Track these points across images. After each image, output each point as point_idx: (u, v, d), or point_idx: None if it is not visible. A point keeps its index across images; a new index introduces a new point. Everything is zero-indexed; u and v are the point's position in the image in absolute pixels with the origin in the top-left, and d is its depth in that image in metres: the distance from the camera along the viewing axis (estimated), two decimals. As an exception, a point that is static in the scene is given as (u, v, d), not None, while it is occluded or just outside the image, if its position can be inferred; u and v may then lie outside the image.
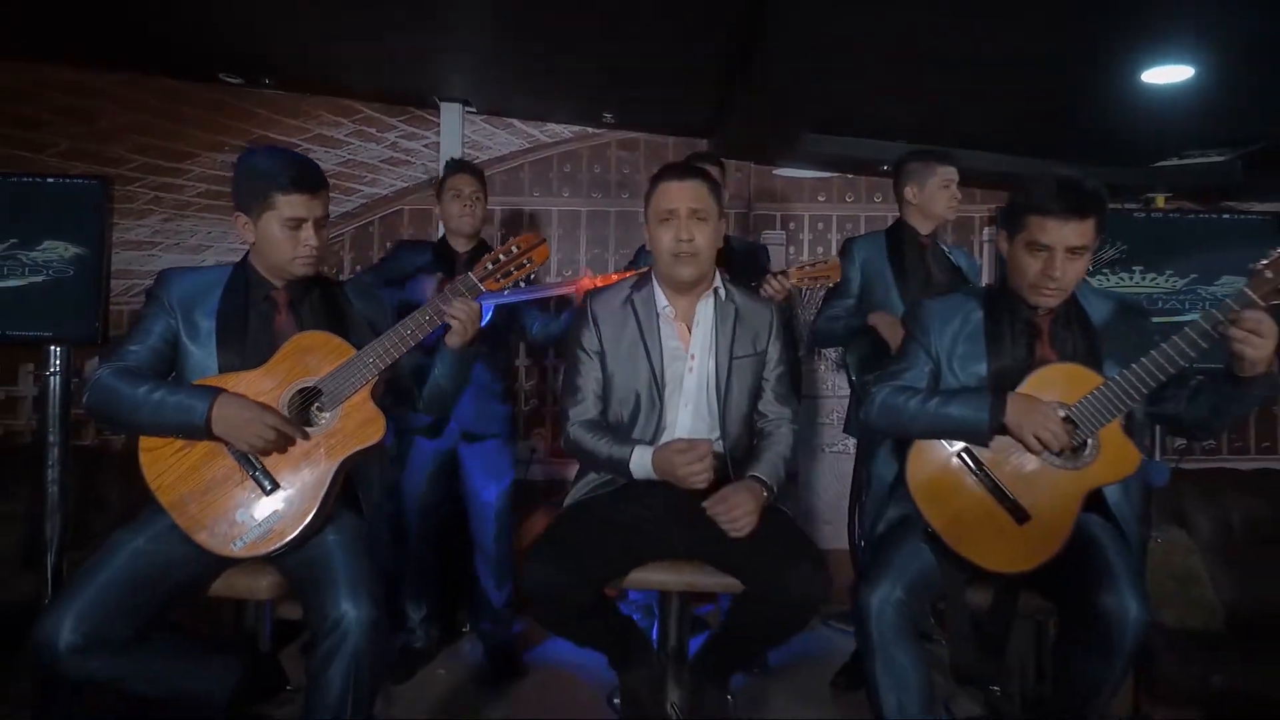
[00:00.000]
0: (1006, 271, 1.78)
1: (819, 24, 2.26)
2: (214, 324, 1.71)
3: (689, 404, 1.89)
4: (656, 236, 1.86)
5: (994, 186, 3.65)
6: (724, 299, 1.93)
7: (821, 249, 3.80)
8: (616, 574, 1.75)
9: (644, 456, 1.79)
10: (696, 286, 1.91)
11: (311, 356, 1.69)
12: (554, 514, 1.95)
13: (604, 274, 2.45)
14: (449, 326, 1.77)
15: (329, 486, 1.64)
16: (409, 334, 1.71)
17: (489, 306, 2.56)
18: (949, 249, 2.66)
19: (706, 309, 1.92)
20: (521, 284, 1.87)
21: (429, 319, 1.73)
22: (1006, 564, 1.65)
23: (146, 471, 1.63)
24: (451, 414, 2.61)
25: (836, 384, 3.75)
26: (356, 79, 3.36)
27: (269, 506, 1.62)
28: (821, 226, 3.81)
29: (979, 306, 1.81)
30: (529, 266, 1.81)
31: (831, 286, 2.67)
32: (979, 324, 1.78)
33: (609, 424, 1.91)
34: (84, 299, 2.24)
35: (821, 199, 3.81)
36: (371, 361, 1.68)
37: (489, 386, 2.72)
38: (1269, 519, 2.72)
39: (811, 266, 2.34)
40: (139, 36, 2.97)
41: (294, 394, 1.67)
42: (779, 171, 3.78)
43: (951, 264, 2.61)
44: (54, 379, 2.24)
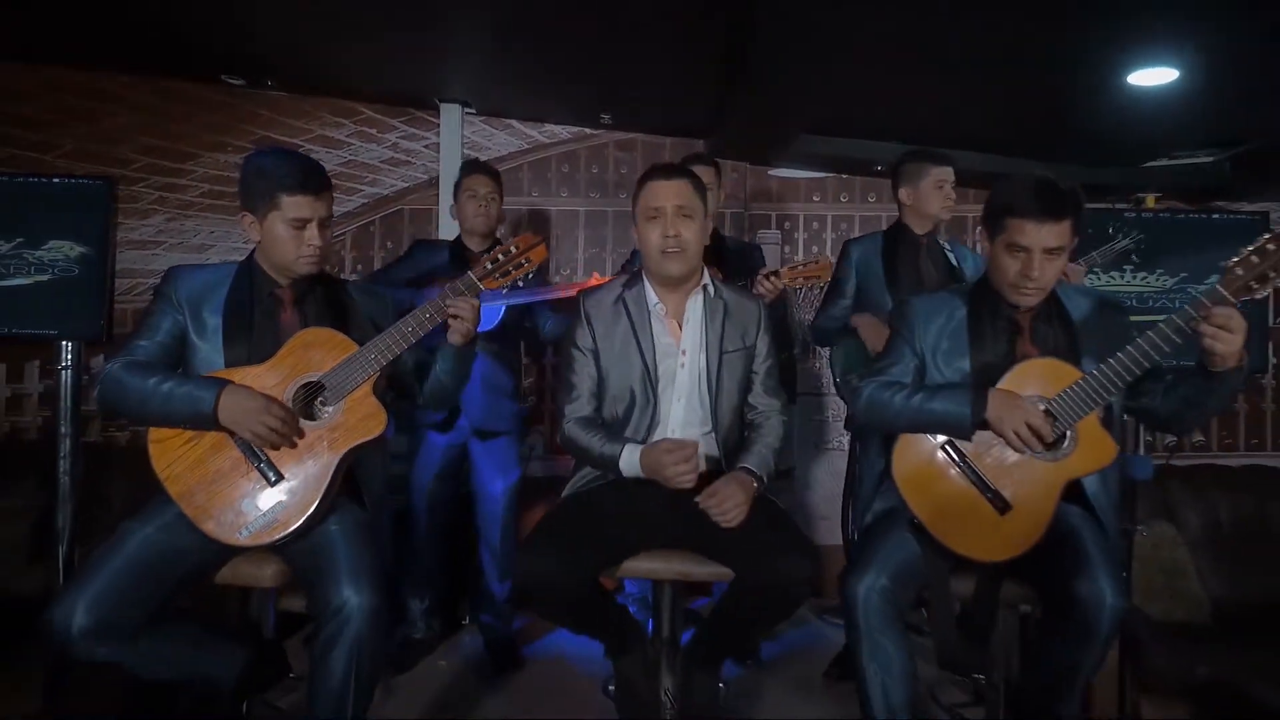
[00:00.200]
0: (989, 270, 1.83)
1: (814, 27, 2.29)
2: (221, 320, 1.75)
3: (681, 398, 1.93)
4: (644, 234, 1.91)
5: (987, 187, 3.59)
6: (713, 295, 1.98)
7: (816, 248, 3.83)
8: (611, 563, 1.79)
9: (633, 455, 1.83)
10: (686, 283, 1.95)
11: (315, 352, 1.73)
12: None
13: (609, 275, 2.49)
14: (449, 324, 1.80)
15: (331, 478, 1.68)
16: (410, 331, 1.75)
17: (500, 307, 2.61)
18: (951, 247, 2.67)
19: (696, 305, 1.96)
20: (519, 284, 1.91)
21: (430, 316, 1.76)
22: (988, 553, 1.69)
23: (156, 462, 1.67)
24: (462, 409, 2.67)
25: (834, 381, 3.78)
26: (357, 81, 3.38)
27: (273, 497, 1.67)
28: (816, 226, 3.85)
29: (963, 304, 1.85)
30: (527, 266, 1.86)
31: (831, 287, 2.72)
32: (962, 321, 1.82)
33: (604, 420, 1.95)
34: (89, 297, 2.26)
35: (816, 199, 3.84)
36: (373, 357, 1.72)
37: (500, 384, 2.75)
38: (1256, 515, 2.73)
39: (804, 266, 2.37)
40: (144, 39, 2.99)
41: (298, 388, 1.71)
42: (774, 172, 3.81)
43: (948, 263, 2.63)
44: (65, 373, 2.27)
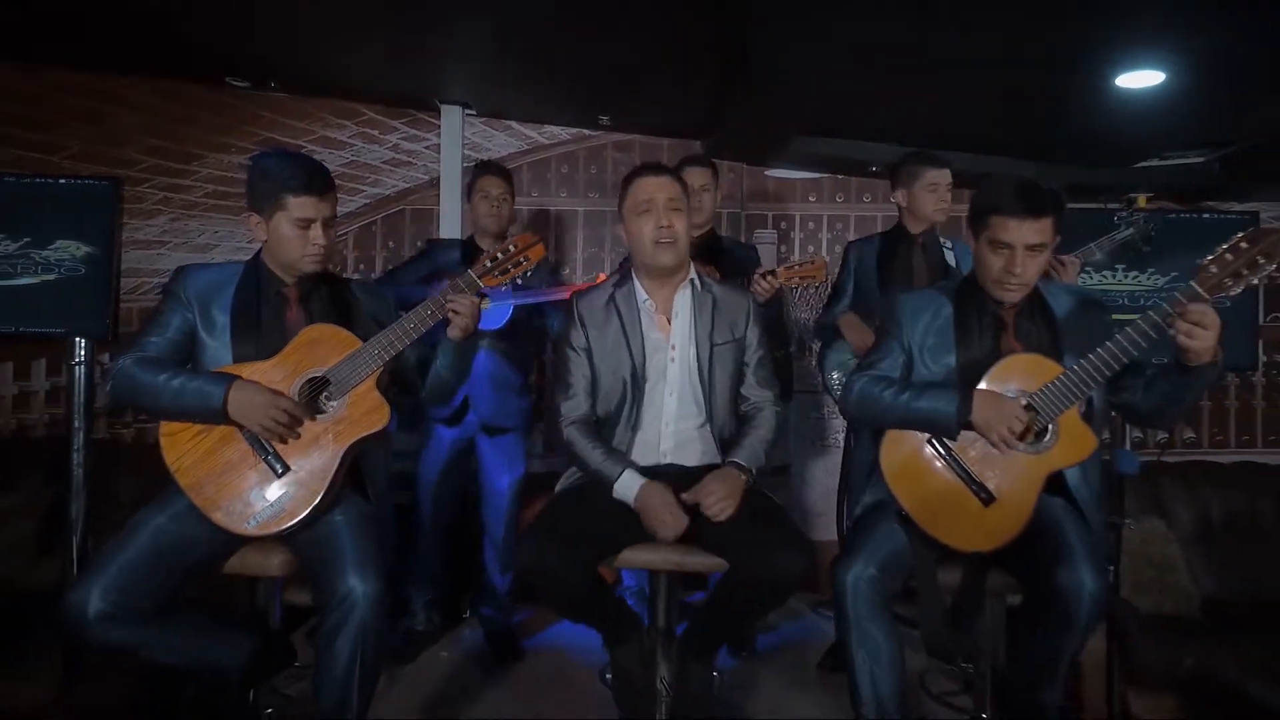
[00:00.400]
0: (974, 267, 1.88)
1: (810, 30, 2.34)
2: (229, 318, 1.80)
3: (674, 392, 1.97)
4: (636, 228, 1.96)
5: (981, 188, 3.72)
6: (700, 289, 2.02)
7: (812, 248, 3.87)
8: (607, 554, 1.83)
9: (631, 484, 1.84)
10: (675, 276, 2.00)
11: (320, 348, 1.78)
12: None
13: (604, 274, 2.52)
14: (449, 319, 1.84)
15: (336, 469, 1.72)
16: (412, 327, 1.79)
17: (509, 306, 2.66)
18: (952, 245, 2.70)
19: (684, 300, 2.01)
20: (519, 281, 1.96)
21: (430, 313, 1.81)
22: (973, 543, 1.74)
23: (166, 455, 1.72)
24: (471, 405, 2.71)
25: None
26: (359, 83, 3.41)
27: (280, 488, 1.71)
28: (813, 226, 3.89)
29: (949, 301, 1.89)
30: (525, 264, 1.90)
31: (833, 288, 2.78)
32: (948, 318, 1.86)
33: (599, 417, 1.99)
34: (95, 296, 2.28)
35: (812, 199, 3.89)
36: (377, 353, 1.76)
37: (509, 381, 2.79)
38: (1247, 511, 2.78)
39: (799, 266, 2.41)
40: (148, 42, 3.02)
41: (304, 383, 1.76)
42: (771, 172, 3.85)
43: (944, 263, 2.66)
44: (79, 369, 2.30)
